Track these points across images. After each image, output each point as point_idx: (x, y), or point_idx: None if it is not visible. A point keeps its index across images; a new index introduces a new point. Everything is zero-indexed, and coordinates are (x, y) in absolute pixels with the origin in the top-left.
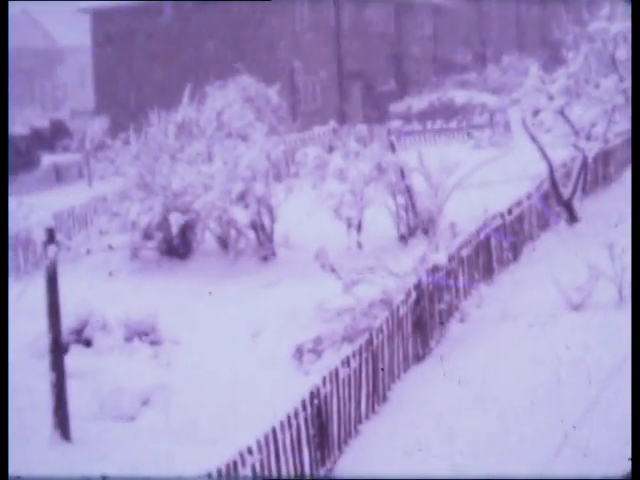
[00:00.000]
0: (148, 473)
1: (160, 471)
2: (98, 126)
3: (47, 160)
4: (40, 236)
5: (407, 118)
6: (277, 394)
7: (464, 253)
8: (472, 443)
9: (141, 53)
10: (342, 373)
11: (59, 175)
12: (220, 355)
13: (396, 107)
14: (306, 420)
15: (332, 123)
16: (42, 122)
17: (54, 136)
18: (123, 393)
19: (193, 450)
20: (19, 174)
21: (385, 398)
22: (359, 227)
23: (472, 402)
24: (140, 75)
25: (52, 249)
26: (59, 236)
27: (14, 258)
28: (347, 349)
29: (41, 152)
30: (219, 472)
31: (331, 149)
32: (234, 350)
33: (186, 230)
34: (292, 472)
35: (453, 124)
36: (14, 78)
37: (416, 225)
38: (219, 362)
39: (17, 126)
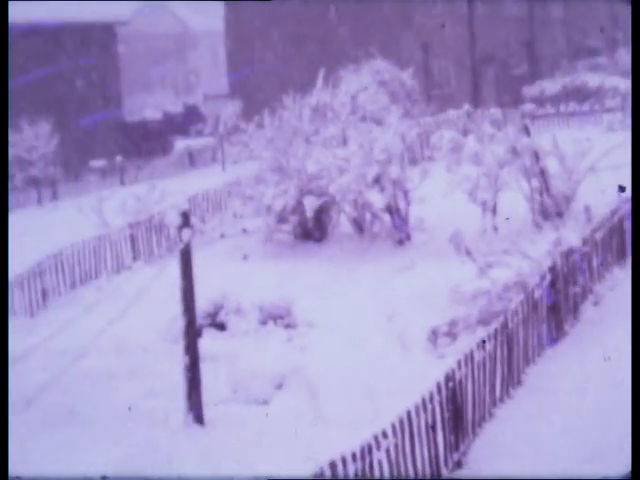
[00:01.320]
0: (280, 457)
1: (294, 455)
2: (232, 110)
3: (181, 144)
4: (174, 220)
5: (540, 101)
6: (412, 377)
7: (598, 236)
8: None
9: (274, 37)
10: (477, 356)
11: (192, 159)
12: (355, 338)
13: (529, 90)
14: (441, 403)
15: (466, 106)
16: (175, 107)
17: (187, 120)
18: (257, 377)
19: (327, 434)
20: (152, 158)
21: (520, 382)
22: (494, 210)
23: (608, 386)
24: (273, 59)
25: (187, 233)
26: (193, 220)
27: (148, 241)
28: (482, 332)
29: (174, 136)
30: (353, 456)
31: (466, 132)
32: (369, 333)
33: (321, 213)
34: (426, 456)
35: (586, 107)
36: (147, 63)
37: (550, 208)
38: (354, 345)
39: (150, 111)
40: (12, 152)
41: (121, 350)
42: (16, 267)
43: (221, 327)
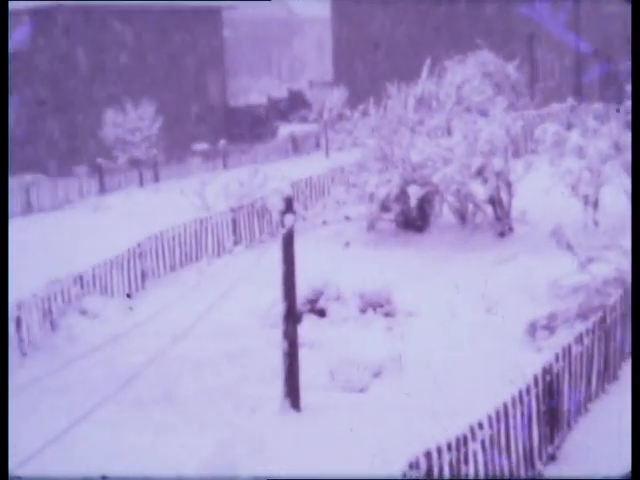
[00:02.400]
0: (375, 445)
1: (389, 444)
2: (337, 97)
3: (284, 130)
4: (277, 205)
5: None
6: (509, 369)
7: None
8: None
9: (380, 26)
10: (575, 350)
11: (296, 145)
12: (453, 329)
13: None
14: (537, 396)
15: (570, 100)
16: (280, 92)
17: (292, 106)
18: (355, 364)
19: (423, 423)
20: (256, 143)
21: (616, 377)
22: (596, 205)
23: None
24: (379, 47)
25: (289, 218)
26: (296, 205)
27: (249, 226)
28: (580, 326)
29: (279, 122)
30: (449, 446)
31: (569, 126)
32: (468, 324)
33: (424, 203)
34: (520, 448)
35: None
36: (252, 48)
37: None
38: (452, 335)
39: (254, 95)
40: (115, 133)
41: (220, 334)
42: (116, 248)
43: (321, 314)
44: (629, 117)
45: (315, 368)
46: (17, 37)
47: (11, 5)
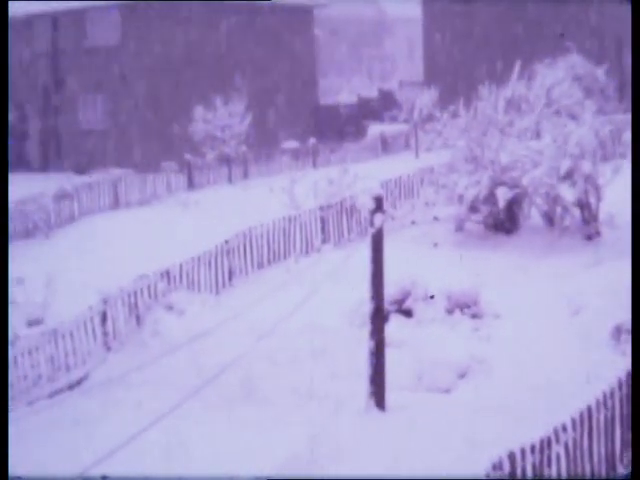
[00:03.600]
0: (459, 446)
1: (473, 445)
2: (427, 98)
3: (374, 129)
4: (367, 204)
5: None
6: (594, 373)
7: None
8: None
9: (470, 27)
10: None
11: (385, 145)
12: (539, 331)
13: None
14: (621, 400)
15: None
16: (370, 92)
17: (382, 106)
18: (441, 365)
19: (507, 425)
20: (345, 142)
21: None
22: None
23: None
24: (471, 49)
25: (379, 217)
26: (385, 205)
27: (338, 225)
28: None
29: (368, 121)
30: (532, 448)
31: None
32: (553, 327)
33: (512, 205)
34: (603, 452)
35: None
36: (343, 47)
37: None
38: (537, 338)
39: (344, 94)
40: (205, 129)
41: (306, 332)
42: (203, 244)
43: (408, 314)
44: None
45: (401, 368)
46: (106, 32)
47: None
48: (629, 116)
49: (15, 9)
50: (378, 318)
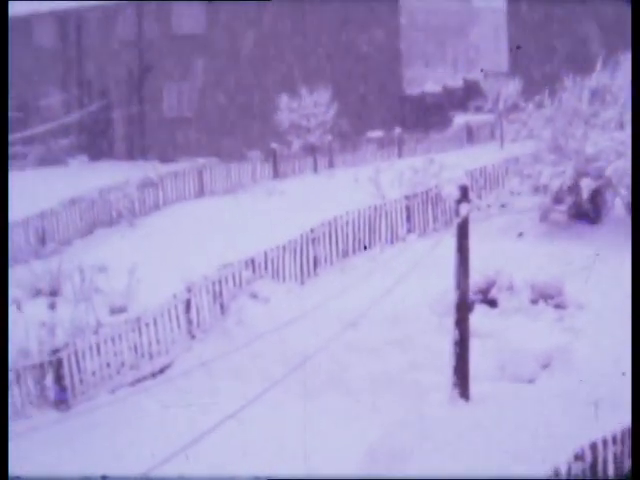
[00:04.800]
0: (542, 436)
1: (556, 435)
2: (512, 88)
3: (459, 119)
4: (453, 193)
5: None
6: None
7: None
8: None
9: (555, 18)
10: None
11: (470, 135)
12: (623, 322)
13: None
14: None
15: None
16: (455, 81)
17: (467, 96)
18: (524, 355)
19: (590, 415)
20: (430, 131)
21: None
22: None
23: None
24: (555, 40)
25: (464, 207)
26: (471, 195)
27: (423, 214)
28: None
29: (453, 111)
30: (614, 439)
31: None
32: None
33: (596, 195)
34: None
35: None
36: (428, 37)
37: None
38: (621, 329)
39: (429, 84)
40: (290, 118)
41: (391, 321)
42: (289, 233)
43: (492, 304)
44: None
45: (484, 358)
46: (192, 21)
47: None
48: None
49: None
50: (463, 308)
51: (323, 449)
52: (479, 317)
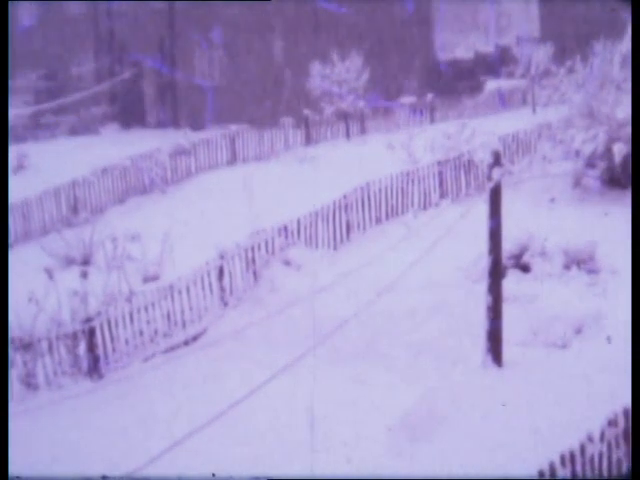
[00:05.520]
0: (575, 402)
1: (588, 401)
2: (543, 53)
3: (491, 85)
4: (485, 158)
5: None
6: None
7: None
8: None
9: None
10: None
11: (503, 100)
12: None
13: None
14: None
15: None
16: (486, 47)
17: (499, 62)
18: (557, 320)
19: (621, 382)
20: (462, 97)
21: None
22: None
23: None
24: (582, 4)
25: (497, 171)
26: (503, 160)
27: (456, 180)
28: None
29: (485, 77)
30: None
31: None
32: None
33: (627, 160)
34: None
35: None
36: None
37: None
38: None
39: (461, 50)
40: (322, 85)
41: (424, 287)
42: (321, 199)
43: (524, 269)
44: None
45: (517, 323)
46: None
47: None
48: None
49: None
50: (496, 273)
51: (356, 416)
52: (512, 282)
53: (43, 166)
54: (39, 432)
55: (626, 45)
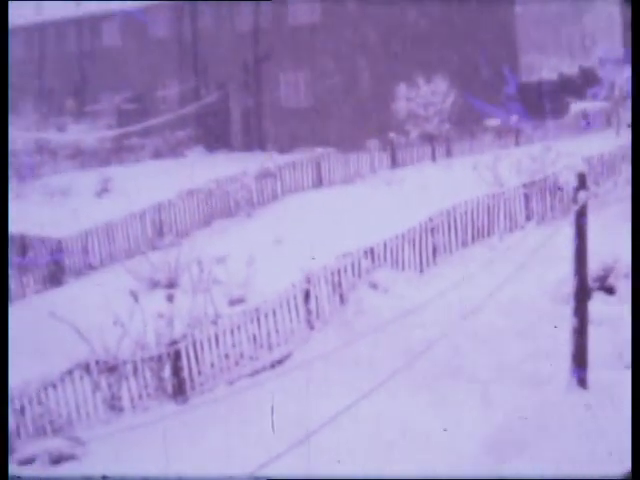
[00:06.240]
0: None
1: None
2: (627, 75)
3: (576, 107)
4: (570, 181)
5: None
6: None
7: None
8: None
9: None
10: None
11: (587, 122)
12: None
13: None
14: None
15: None
16: (570, 69)
17: (583, 83)
18: None
19: None
20: (547, 119)
21: None
22: None
23: None
24: None
25: (582, 194)
26: (588, 182)
27: (541, 202)
28: None
29: (570, 99)
30: None
31: None
32: None
33: None
34: None
35: None
36: (542, 25)
37: None
38: None
39: (545, 72)
40: (408, 107)
41: (509, 310)
42: (407, 222)
43: (610, 291)
44: None
45: (603, 346)
46: (307, 10)
47: None
48: None
49: None
50: (582, 295)
51: (441, 439)
52: (597, 304)
53: (128, 189)
54: (126, 453)
55: None
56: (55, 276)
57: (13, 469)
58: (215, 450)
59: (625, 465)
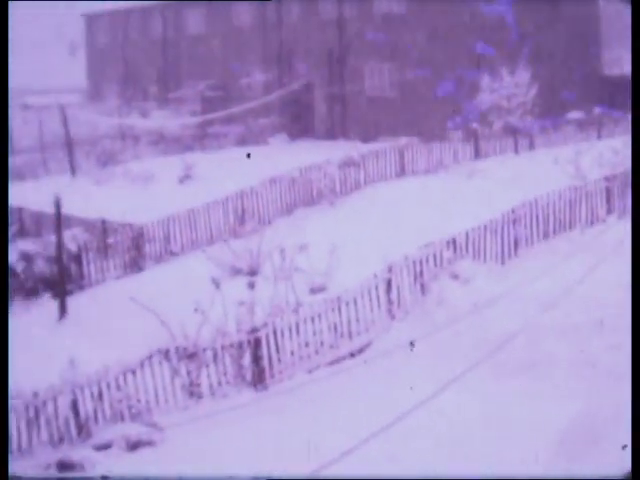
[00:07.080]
0: None
1: None
2: None
3: None
4: None
5: None
6: None
7: None
8: None
9: None
10: None
11: None
12: None
13: None
14: None
15: None
16: None
17: None
18: None
19: None
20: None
21: None
22: None
23: None
24: None
25: None
26: None
27: (623, 195)
28: None
29: None
30: None
31: None
32: None
33: None
34: None
35: None
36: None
37: None
38: None
39: (628, 66)
40: (491, 99)
41: (589, 304)
42: (489, 213)
43: None
44: None
45: None
46: (390, 4)
47: None
48: None
49: None
50: None
51: (516, 432)
52: None
53: (210, 176)
54: (203, 440)
55: None
56: (136, 262)
57: (87, 454)
58: (293, 438)
59: None
